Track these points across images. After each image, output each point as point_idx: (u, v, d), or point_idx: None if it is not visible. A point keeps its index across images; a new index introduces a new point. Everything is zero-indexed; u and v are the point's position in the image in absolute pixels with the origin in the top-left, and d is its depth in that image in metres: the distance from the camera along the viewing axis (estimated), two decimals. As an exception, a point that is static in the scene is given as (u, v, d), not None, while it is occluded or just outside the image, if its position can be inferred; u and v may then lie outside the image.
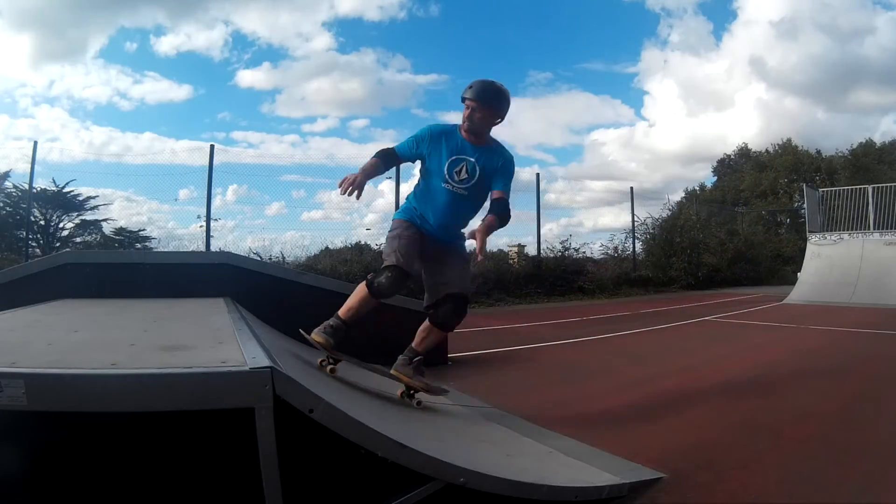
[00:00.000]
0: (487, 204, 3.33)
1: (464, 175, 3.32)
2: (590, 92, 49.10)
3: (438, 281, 3.31)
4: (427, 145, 3.32)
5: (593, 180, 49.20)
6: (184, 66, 35.45)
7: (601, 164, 44.43)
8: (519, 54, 45.49)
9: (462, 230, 3.40)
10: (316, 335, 3.14)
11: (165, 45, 38.64)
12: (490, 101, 3.25)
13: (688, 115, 49.14)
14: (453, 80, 42.48)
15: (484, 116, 3.25)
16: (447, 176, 3.31)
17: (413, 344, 3.35)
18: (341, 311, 3.24)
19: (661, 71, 47.91)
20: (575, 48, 46.30)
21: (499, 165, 3.31)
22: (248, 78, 40.29)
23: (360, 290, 3.22)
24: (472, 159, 3.29)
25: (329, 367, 3.12)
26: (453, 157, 3.31)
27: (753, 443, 2.96)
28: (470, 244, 3.14)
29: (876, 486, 2.38)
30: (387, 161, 3.33)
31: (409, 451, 1.78)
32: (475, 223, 3.34)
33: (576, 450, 2.78)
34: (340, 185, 2.98)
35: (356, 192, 2.98)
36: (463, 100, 3.26)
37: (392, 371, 3.28)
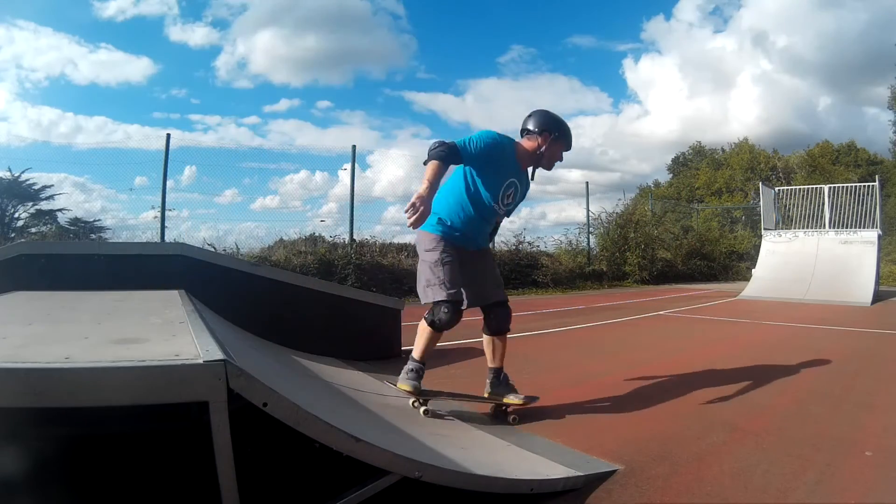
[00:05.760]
0: None
1: (510, 200, 3.27)
2: (573, 76, 49.10)
3: (482, 290, 3.33)
4: (488, 155, 3.09)
5: (569, 169, 49.20)
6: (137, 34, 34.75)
7: (578, 154, 44.66)
8: (503, 24, 44.81)
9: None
10: (401, 384, 3.21)
11: (112, 8, 37.71)
12: (570, 143, 3.27)
13: (677, 104, 49.76)
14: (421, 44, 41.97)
15: (559, 155, 3.25)
16: (500, 197, 3.20)
17: (493, 364, 3.40)
18: (415, 354, 3.25)
19: (651, 57, 48.30)
20: (564, 22, 45.93)
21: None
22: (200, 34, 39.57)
23: (424, 329, 3.20)
24: (520, 184, 3.27)
25: (423, 409, 3.22)
26: (508, 180, 3.19)
27: (709, 435, 3.02)
28: None
29: (832, 479, 2.44)
30: (449, 161, 2.97)
31: (363, 445, 1.78)
32: None
33: (531, 443, 2.83)
34: (408, 213, 2.69)
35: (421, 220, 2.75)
36: (540, 133, 3.17)
37: (489, 395, 3.39)
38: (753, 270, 14.52)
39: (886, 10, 41.75)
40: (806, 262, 13.27)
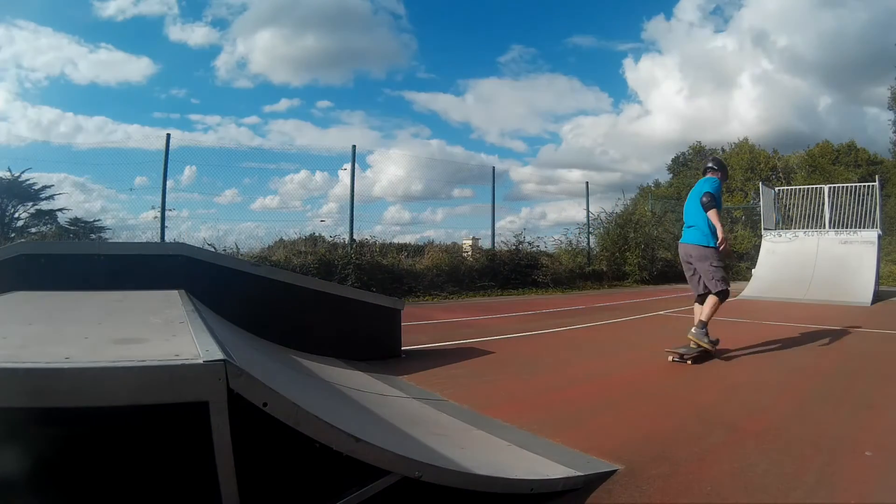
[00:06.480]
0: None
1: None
2: (574, 76, 49.07)
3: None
4: (721, 190, 5.41)
5: (569, 169, 49.04)
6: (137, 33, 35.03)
7: (579, 154, 44.58)
8: (503, 24, 44.90)
9: None
10: (703, 343, 5.02)
11: (112, 8, 37.86)
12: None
13: (677, 104, 49.41)
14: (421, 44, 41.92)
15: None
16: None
17: (702, 318, 5.10)
18: (705, 318, 5.09)
19: (652, 57, 48.21)
20: (564, 22, 46.00)
21: None
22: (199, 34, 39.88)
23: (716, 302, 5.11)
24: None
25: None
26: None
27: (708, 435, 3.01)
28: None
29: (832, 480, 2.43)
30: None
31: (363, 445, 1.78)
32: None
33: (530, 442, 2.82)
34: (722, 246, 5.08)
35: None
36: (719, 168, 5.54)
37: (692, 338, 5.06)
38: (753, 270, 14.42)
39: (886, 10, 41.47)
40: (806, 262, 13.18)
